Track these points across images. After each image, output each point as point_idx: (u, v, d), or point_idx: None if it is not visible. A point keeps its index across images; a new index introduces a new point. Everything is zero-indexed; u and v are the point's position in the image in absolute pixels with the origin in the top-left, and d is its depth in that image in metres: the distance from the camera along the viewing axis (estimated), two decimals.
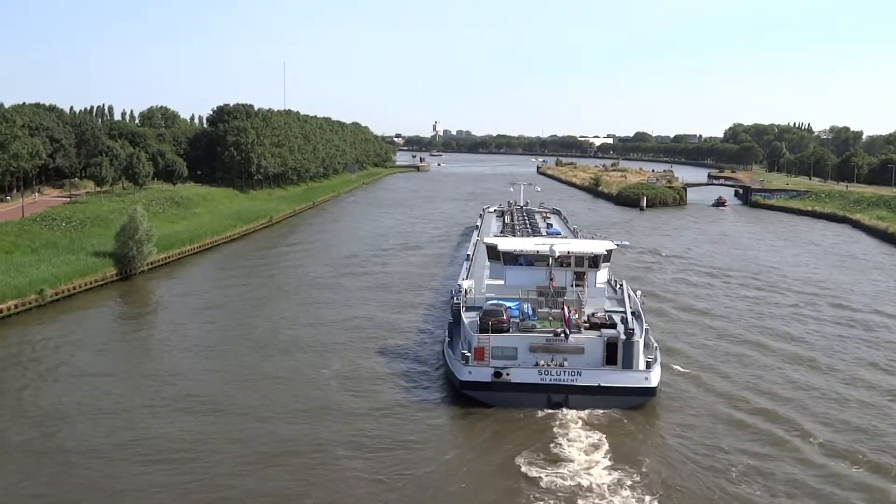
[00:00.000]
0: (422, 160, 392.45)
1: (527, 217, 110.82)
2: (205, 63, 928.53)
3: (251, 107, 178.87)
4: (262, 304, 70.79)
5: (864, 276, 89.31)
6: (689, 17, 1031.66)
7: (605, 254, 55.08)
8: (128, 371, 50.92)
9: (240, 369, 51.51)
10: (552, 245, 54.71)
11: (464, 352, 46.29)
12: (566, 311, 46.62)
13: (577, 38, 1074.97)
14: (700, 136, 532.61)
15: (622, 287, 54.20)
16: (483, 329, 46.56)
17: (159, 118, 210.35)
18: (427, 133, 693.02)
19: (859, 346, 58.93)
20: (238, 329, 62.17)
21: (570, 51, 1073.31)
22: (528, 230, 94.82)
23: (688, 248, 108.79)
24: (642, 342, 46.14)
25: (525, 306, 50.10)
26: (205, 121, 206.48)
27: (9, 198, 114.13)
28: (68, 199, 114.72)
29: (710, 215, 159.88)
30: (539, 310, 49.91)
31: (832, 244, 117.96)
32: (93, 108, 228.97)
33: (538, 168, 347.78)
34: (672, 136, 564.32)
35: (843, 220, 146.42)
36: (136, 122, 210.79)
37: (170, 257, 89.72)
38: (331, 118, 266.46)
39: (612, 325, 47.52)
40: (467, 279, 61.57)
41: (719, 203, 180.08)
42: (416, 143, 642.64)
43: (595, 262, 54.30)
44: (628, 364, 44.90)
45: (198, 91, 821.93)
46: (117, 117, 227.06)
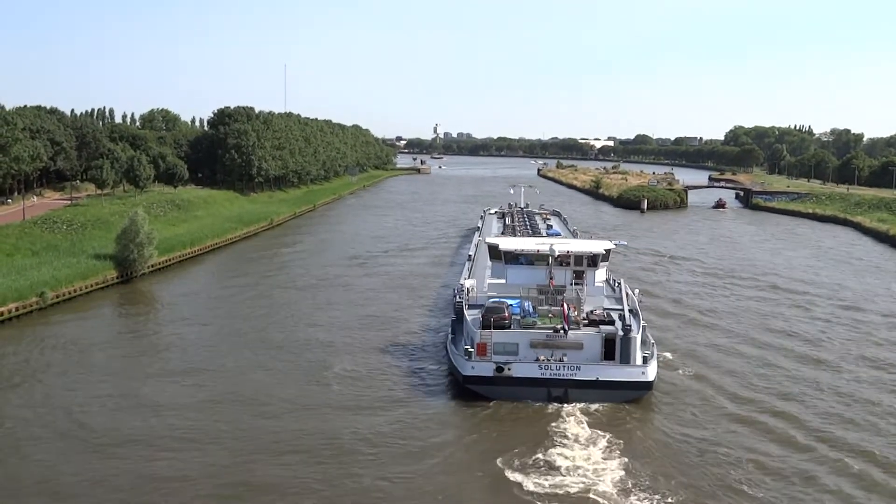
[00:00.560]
0: (422, 163, 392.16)
1: (527, 218, 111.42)
2: (206, 66, 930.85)
3: (252, 109, 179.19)
4: (264, 306, 70.98)
5: (866, 278, 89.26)
6: (689, 19, 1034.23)
7: (604, 253, 56.61)
8: (130, 372, 50.83)
9: (244, 367, 52.27)
10: (552, 245, 56.25)
11: (467, 347, 47.64)
12: (566, 308, 47.89)
13: (577, 41, 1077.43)
14: (701, 138, 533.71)
15: (620, 285, 55.50)
16: (485, 325, 47.81)
17: (160, 121, 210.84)
18: (428, 135, 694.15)
19: (855, 341, 60.17)
20: (240, 329, 62.36)
21: (570, 53, 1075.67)
22: (529, 231, 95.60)
23: (689, 249, 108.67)
24: (639, 338, 47.37)
25: (526, 304, 51.22)
26: (205, 123, 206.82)
27: (10, 200, 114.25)
28: (69, 201, 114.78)
29: (710, 218, 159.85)
30: (539, 307, 51.06)
31: (833, 247, 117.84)
32: (94, 110, 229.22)
33: (539, 170, 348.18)
34: (673, 138, 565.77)
35: (844, 223, 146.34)
36: (137, 124, 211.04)
37: (171, 260, 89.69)
38: (331, 120, 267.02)
39: (611, 322, 48.87)
40: (469, 278, 62.79)
41: (719, 205, 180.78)
42: (416, 146, 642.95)
43: (594, 261, 55.80)
44: (626, 359, 46.12)
45: (199, 94, 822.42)
46: (118, 120, 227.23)
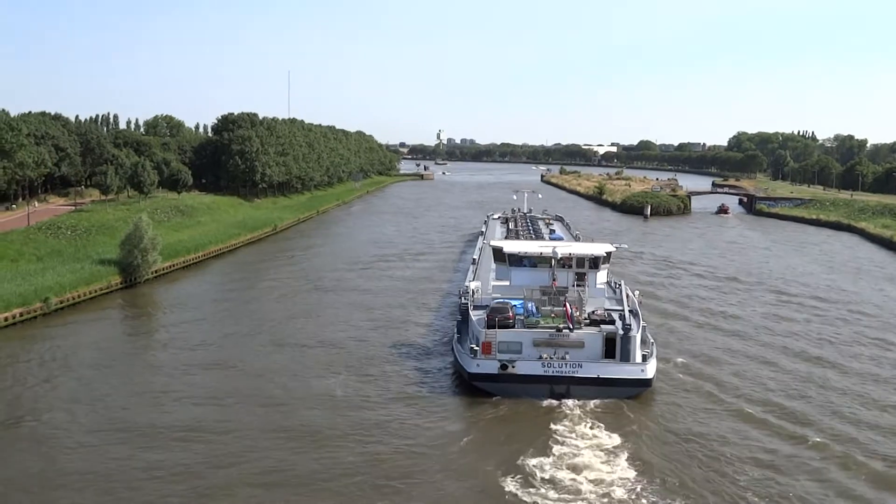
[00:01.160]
0: (426, 168, 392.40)
1: (530, 223, 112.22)
2: (210, 72, 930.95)
3: (256, 115, 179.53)
4: (269, 309, 71.66)
5: (870, 283, 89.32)
6: (691, 25, 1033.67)
7: (605, 255, 58.43)
8: (133, 376, 50.95)
9: (249, 367, 53.46)
10: (554, 247, 58.32)
11: (472, 346, 49.44)
12: (569, 308, 49.57)
13: (581, 47, 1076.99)
14: (704, 144, 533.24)
15: (621, 287, 56.80)
16: (490, 325, 49.37)
17: (164, 127, 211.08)
18: (431, 141, 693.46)
19: (854, 341, 61.69)
20: (245, 332, 63.13)
21: (573, 59, 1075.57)
22: (532, 236, 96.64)
23: (692, 254, 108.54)
24: (639, 337, 48.89)
25: (529, 304, 52.72)
26: (209, 129, 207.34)
27: (14, 206, 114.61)
28: (73, 207, 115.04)
29: (714, 223, 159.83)
30: (542, 308, 52.40)
31: (837, 252, 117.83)
32: (98, 116, 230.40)
33: (542, 176, 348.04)
34: (676, 144, 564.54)
35: (847, 229, 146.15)
36: (142, 130, 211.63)
37: (174, 265, 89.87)
38: (335, 126, 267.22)
39: (611, 322, 50.30)
40: (474, 280, 64.19)
41: (722, 211, 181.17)
42: (420, 152, 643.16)
43: (595, 263, 57.52)
44: (626, 357, 47.70)
45: (203, 100, 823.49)
46: (122, 126, 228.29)
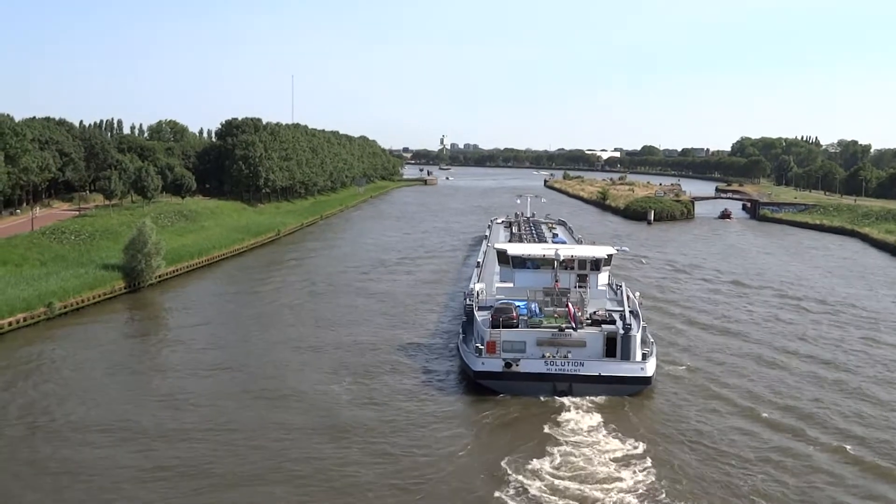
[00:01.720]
0: (429, 174, 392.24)
1: (533, 227, 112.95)
2: (213, 77, 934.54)
3: (259, 120, 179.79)
4: (272, 313, 72.15)
5: (873, 288, 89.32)
6: (695, 30, 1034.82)
7: (606, 258, 59.64)
8: (136, 379, 51.08)
9: (254, 369, 54.21)
10: (557, 250, 60.00)
11: (477, 345, 50.61)
12: (571, 308, 50.96)
13: (584, 53, 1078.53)
14: (707, 149, 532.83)
15: (621, 288, 57.80)
16: (495, 325, 50.62)
17: (168, 132, 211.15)
18: (435, 146, 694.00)
19: (856, 345, 62.73)
20: (248, 335, 63.44)
21: (577, 65, 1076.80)
22: (535, 240, 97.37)
23: (695, 259, 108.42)
24: (639, 337, 50.03)
25: (532, 305, 53.89)
26: (213, 134, 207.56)
27: (18, 211, 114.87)
28: (77, 212, 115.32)
29: (717, 228, 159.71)
30: (545, 308, 53.59)
31: (840, 257, 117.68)
32: (102, 121, 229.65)
33: (545, 181, 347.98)
34: (679, 149, 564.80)
35: (851, 234, 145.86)
36: (145, 135, 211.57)
37: (178, 270, 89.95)
38: (338, 132, 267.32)
39: (612, 322, 51.41)
40: (479, 282, 65.49)
41: (725, 215, 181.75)
42: (423, 157, 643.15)
43: (596, 265, 58.69)
44: (626, 356, 48.95)
45: (207, 105, 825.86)
46: (126, 131, 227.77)
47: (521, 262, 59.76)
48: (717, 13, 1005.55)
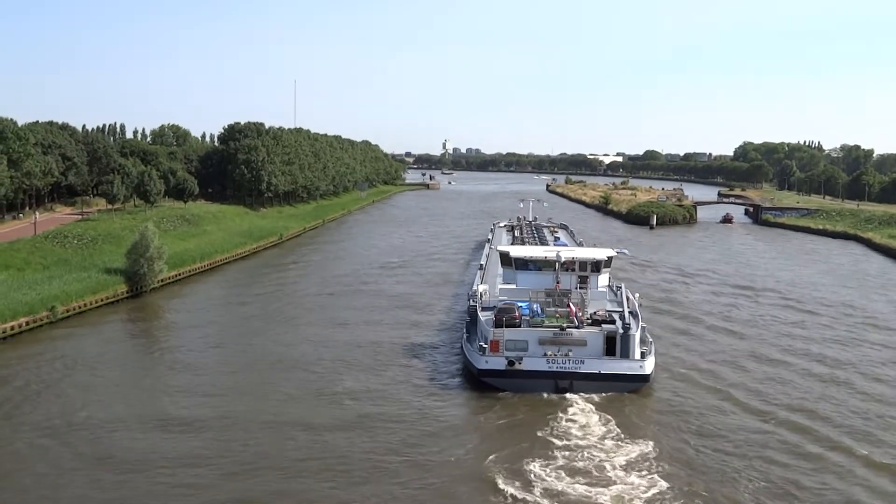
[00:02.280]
0: (431, 178, 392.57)
1: (535, 231, 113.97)
2: (216, 81, 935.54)
3: (262, 125, 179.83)
4: (276, 315, 72.98)
5: (875, 292, 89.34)
6: (697, 35, 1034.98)
7: (606, 260, 60.89)
8: (139, 386, 51.08)
9: (261, 366, 55.56)
10: (558, 252, 61.50)
11: (481, 344, 52.23)
12: (572, 308, 52.77)
13: (586, 57, 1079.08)
14: (710, 154, 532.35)
15: (621, 290, 58.81)
16: (498, 324, 51.93)
17: (171, 136, 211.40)
18: (437, 151, 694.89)
19: (856, 346, 63.81)
20: (255, 335, 64.21)
21: (579, 69, 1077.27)
22: (537, 243, 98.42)
23: (699, 263, 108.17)
24: (638, 336, 51.35)
25: (534, 305, 55.06)
26: (216, 139, 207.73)
27: (21, 215, 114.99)
28: (80, 216, 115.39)
29: (719, 233, 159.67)
30: (547, 309, 54.83)
31: (843, 262, 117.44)
32: (105, 126, 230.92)
33: (548, 186, 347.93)
34: (682, 154, 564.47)
35: (854, 239, 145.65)
36: (148, 140, 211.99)
37: (180, 274, 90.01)
38: (341, 136, 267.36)
39: (612, 322, 52.75)
40: (482, 284, 66.68)
41: (726, 220, 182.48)
42: (425, 161, 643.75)
43: (597, 266, 59.83)
44: (625, 354, 50.30)
45: (209, 109, 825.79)
46: (129, 135, 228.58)
47: (523, 264, 61.02)
48: (719, 19, 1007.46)
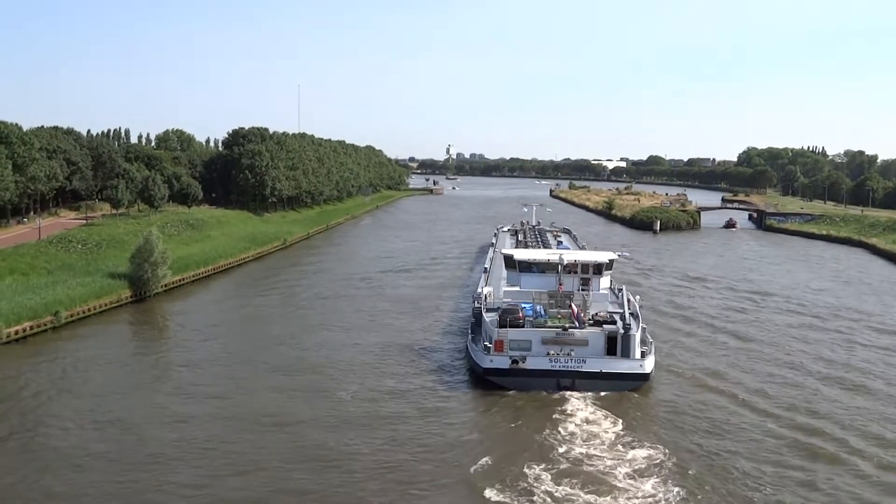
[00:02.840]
0: (435, 183, 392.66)
1: (538, 235, 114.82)
2: (220, 87, 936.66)
3: (266, 130, 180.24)
4: (281, 319, 73.45)
5: (879, 297, 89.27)
6: (700, 41, 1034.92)
7: (608, 262, 62.27)
8: (143, 390, 51.08)
9: (268, 366, 56.55)
10: (561, 255, 62.95)
11: (486, 344, 53.48)
12: (574, 309, 54.21)
13: (589, 62, 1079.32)
14: (713, 159, 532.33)
15: (622, 292, 59.46)
16: (502, 325, 53.23)
17: (175, 141, 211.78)
18: (440, 156, 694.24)
19: (857, 348, 65.07)
20: (256, 341, 64.83)
21: (582, 75, 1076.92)
22: (540, 247, 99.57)
23: (701, 268, 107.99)
24: (638, 336, 52.55)
25: (538, 307, 56.53)
26: (220, 144, 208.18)
27: (26, 220, 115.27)
28: (84, 221, 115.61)
29: (724, 239, 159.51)
30: (550, 310, 56.44)
31: (847, 267, 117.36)
32: (109, 131, 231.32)
33: (551, 191, 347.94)
34: (685, 159, 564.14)
35: (858, 245, 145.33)
36: (152, 145, 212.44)
37: (184, 279, 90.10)
38: (345, 141, 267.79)
39: (613, 322, 54.07)
40: (486, 286, 68.18)
41: (729, 225, 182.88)
42: (429, 167, 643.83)
43: (599, 269, 61.19)
44: (626, 354, 51.65)
45: (213, 114, 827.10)
46: (133, 140, 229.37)
47: (526, 267, 62.27)
48: (724, 24, 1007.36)
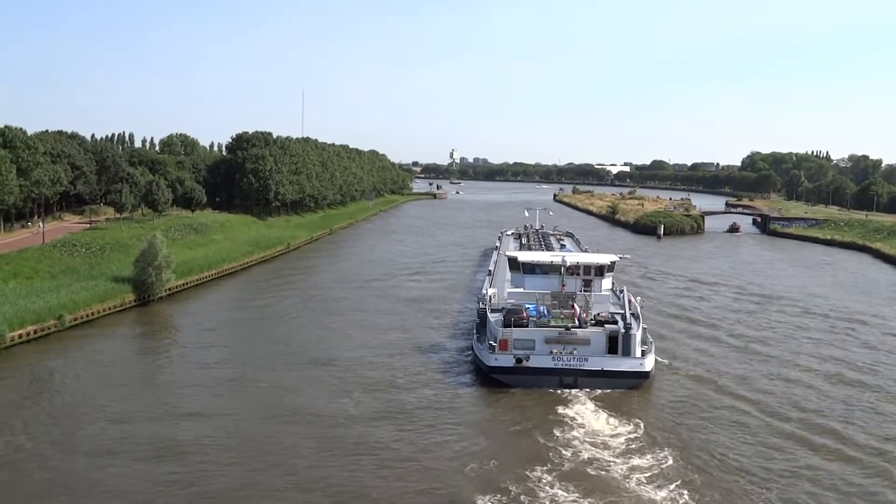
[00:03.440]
0: (439, 187, 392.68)
1: (542, 239, 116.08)
2: (225, 91, 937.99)
3: (269, 134, 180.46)
4: (284, 322, 74.21)
5: (882, 301, 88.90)
6: (704, 45, 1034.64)
7: (609, 264, 64.29)
8: (145, 390, 51.13)
9: (273, 368, 57.26)
10: (564, 257, 64.31)
11: (490, 343, 54.81)
12: (577, 309, 55.75)
13: (593, 67, 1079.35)
14: (717, 164, 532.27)
15: (623, 293, 60.77)
16: (507, 324, 54.70)
17: (179, 145, 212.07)
18: (444, 160, 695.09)
19: (858, 350, 66.07)
20: (260, 343, 65.64)
21: (586, 79, 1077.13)
22: (543, 250, 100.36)
23: (704, 273, 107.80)
24: (639, 336, 53.98)
25: (541, 307, 58.06)
26: (224, 148, 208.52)
27: (30, 224, 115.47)
28: (88, 225, 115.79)
29: (727, 243, 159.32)
30: (553, 310, 57.82)
31: (851, 272, 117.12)
32: (114, 135, 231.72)
33: (555, 196, 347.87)
34: (689, 164, 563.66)
35: (862, 249, 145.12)
36: (156, 149, 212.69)
37: (188, 283, 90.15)
38: (348, 145, 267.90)
39: (614, 322, 55.44)
40: (491, 288, 69.70)
41: (733, 229, 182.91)
42: (433, 171, 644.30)
43: (601, 271, 63.17)
44: (627, 352, 52.93)
45: (218, 119, 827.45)
46: (137, 144, 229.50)
47: (530, 268, 64.02)
48: (728, 28, 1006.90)
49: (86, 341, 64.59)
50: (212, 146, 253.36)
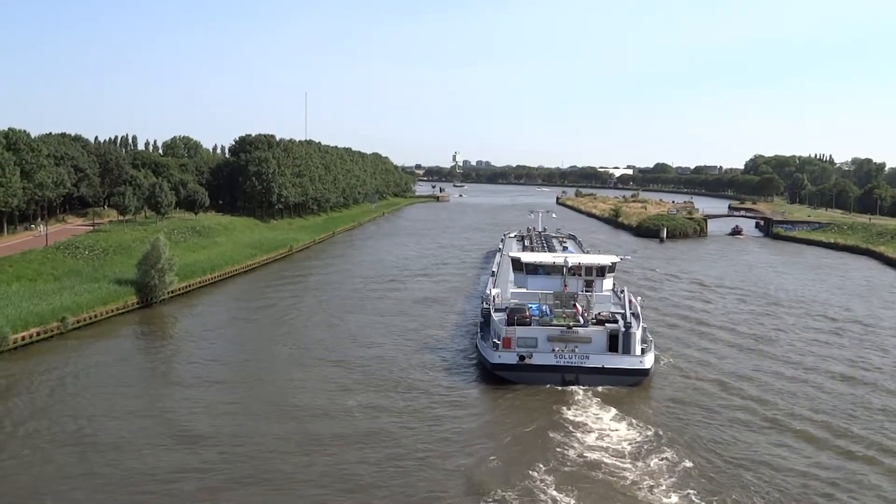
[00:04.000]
0: (442, 190, 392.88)
1: (545, 241, 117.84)
2: (228, 93, 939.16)
3: (273, 137, 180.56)
4: (286, 324, 74.16)
5: (883, 304, 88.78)
6: (708, 49, 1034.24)
7: (611, 265, 64.78)
8: (147, 395, 51.13)
9: (278, 368, 57.94)
10: (566, 258, 65.51)
11: (494, 341, 56.24)
12: (578, 308, 57.21)
13: (597, 70, 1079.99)
14: (720, 167, 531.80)
15: (624, 293, 62.20)
16: (510, 323, 56.19)
17: (182, 148, 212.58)
18: (447, 163, 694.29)
19: (858, 350, 66.85)
20: (262, 344, 66.15)
21: (589, 82, 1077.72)
22: (546, 251, 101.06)
23: (706, 275, 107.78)
24: (639, 334, 55.35)
25: (544, 307, 59.45)
26: (227, 151, 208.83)
27: (33, 226, 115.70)
28: (92, 227, 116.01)
29: (731, 246, 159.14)
30: (555, 310, 59.14)
31: (854, 275, 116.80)
32: (117, 138, 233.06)
33: (558, 199, 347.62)
34: (692, 167, 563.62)
35: (865, 253, 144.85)
36: (160, 151, 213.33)
37: (191, 286, 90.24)
38: (351, 148, 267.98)
39: (615, 321, 56.90)
40: (494, 288, 71.02)
41: (736, 232, 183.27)
42: (436, 174, 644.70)
43: (602, 271, 63.69)
44: (627, 350, 54.27)
45: (221, 121, 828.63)
46: (141, 147, 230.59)
47: (533, 269, 64.79)
48: (731, 31, 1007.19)
49: (89, 343, 64.66)
50: (215, 149, 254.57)
